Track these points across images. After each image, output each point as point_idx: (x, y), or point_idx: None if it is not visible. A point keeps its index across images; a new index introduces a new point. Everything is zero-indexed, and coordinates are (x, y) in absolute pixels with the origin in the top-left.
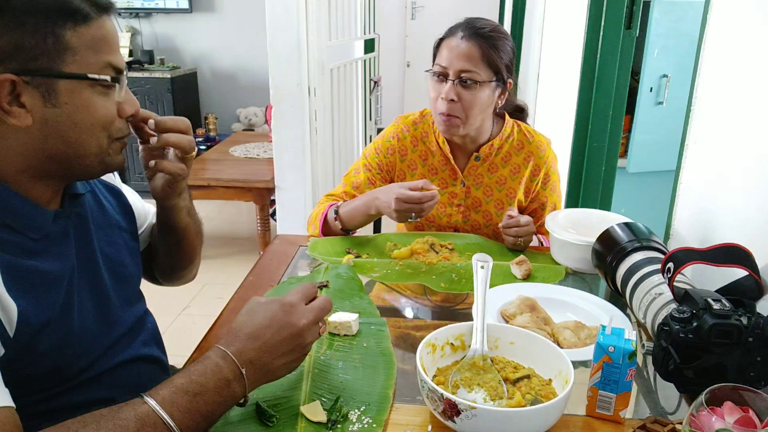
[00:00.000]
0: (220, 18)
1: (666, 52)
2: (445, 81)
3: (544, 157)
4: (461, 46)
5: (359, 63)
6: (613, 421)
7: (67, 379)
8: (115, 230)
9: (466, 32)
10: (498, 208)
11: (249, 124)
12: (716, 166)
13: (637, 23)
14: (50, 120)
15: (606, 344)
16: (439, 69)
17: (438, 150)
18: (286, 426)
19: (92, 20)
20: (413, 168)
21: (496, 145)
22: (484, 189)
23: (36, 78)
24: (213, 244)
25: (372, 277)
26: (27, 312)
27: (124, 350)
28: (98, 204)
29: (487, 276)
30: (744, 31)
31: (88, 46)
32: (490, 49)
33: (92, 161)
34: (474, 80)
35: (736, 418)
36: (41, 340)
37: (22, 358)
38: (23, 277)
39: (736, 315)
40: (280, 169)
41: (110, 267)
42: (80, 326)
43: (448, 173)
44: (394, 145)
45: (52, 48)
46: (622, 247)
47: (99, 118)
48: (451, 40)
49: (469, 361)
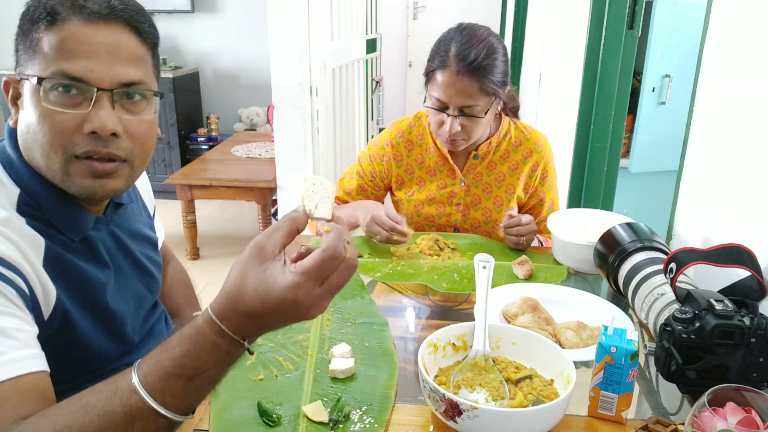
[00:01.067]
0: (221, 18)
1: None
2: (443, 112)
3: (542, 152)
4: (458, 84)
5: (361, 63)
6: (615, 421)
7: (78, 378)
8: (146, 243)
9: (461, 66)
10: (497, 204)
11: (251, 124)
12: (718, 166)
13: (639, 23)
14: (20, 123)
15: (608, 345)
16: (438, 104)
17: (435, 150)
18: (287, 426)
19: (57, 22)
20: (410, 172)
21: (494, 143)
22: (484, 186)
23: (21, 80)
24: (215, 243)
25: (374, 276)
26: (64, 302)
27: (140, 352)
28: (136, 216)
29: (489, 276)
30: (746, 31)
31: (46, 48)
32: (486, 81)
33: (58, 180)
34: (475, 114)
35: (739, 419)
36: (70, 334)
37: (48, 343)
38: (63, 268)
39: (739, 316)
40: (282, 169)
41: (142, 277)
42: (103, 332)
43: (446, 173)
44: (388, 153)
45: (28, 51)
46: (624, 248)
47: (46, 126)
48: (445, 74)
49: (471, 361)
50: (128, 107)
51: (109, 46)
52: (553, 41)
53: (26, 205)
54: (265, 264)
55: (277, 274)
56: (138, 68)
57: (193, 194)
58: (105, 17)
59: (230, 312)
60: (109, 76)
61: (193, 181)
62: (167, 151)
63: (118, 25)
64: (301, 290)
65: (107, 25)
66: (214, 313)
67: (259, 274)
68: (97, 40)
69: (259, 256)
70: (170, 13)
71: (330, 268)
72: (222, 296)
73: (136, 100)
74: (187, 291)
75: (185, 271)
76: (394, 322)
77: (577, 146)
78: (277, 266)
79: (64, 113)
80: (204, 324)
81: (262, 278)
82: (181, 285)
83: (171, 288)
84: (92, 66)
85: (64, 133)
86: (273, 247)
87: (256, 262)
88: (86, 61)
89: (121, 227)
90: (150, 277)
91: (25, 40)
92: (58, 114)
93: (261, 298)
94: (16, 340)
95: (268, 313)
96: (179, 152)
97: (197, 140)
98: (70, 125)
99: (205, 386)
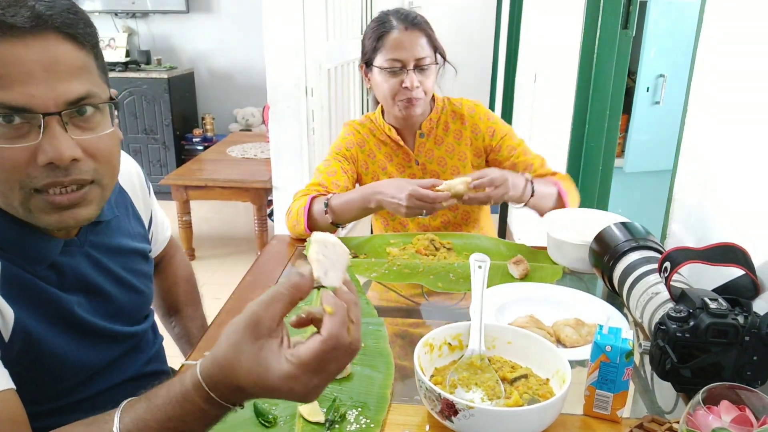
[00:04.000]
0: (216, 18)
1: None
2: (400, 72)
3: (477, 114)
4: (411, 37)
5: (356, 63)
6: (611, 420)
7: (61, 395)
8: (131, 256)
9: (407, 23)
10: (455, 173)
11: (246, 125)
12: (712, 165)
13: (633, 23)
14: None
15: (603, 343)
16: (397, 64)
17: (387, 138)
18: (284, 426)
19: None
20: (372, 156)
21: (434, 119)
22: (438, 161)
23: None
24: (210, 244)
25: (369, 276)
26: (25, 321)
27: (127, 368)
28: (122, 229)
29: (484, 276)
30: (740, 30)
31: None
32: (431, 33)
33: (22, 216)
34: (428, 64)
35: (733, 416)
36: (37, 351)
37: (14, 365)
38: (23, 288)
39: (733, 314)
40: (278, 170)
41: (122, 292)
42: (79, 345)
43: (402, 157)
44: (352, 140)
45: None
46: (619, 247)
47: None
48: (395, 33)
49: (467, 360)
50: (82, 125)
51: (44, 62)
52: (548, 41)
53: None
54: (260, 342)
55: (272, 359)
56: (82, 80)
57: (188, 195)
58: (33, 30)
59: (221, 383)
60: (53, 98)
61: (189, 182)
62: (162, 151)
63: (49, 35)
64: (297, 382)
65: (36, 38)
66: (204, 380)
67: (254, 352)
68: (30, 58)
69: (255, 331)
70: (165, 14)
71: (331, 357)
72: (213, 364)
73: (89, 115)
74: (189, 288)
75: (190, 266)
76: (390, 321)
77: (572, 146)
78: (273, 348)
79: (12, 148)
80: (192, 390)
81: (256, 359)
82: (184, 282)
83: (174, 285)
84: (31, 90)
85: (17, 168)
86: (270, 321)
87: (251, 339)
88: (23, 86)
89: (98, 247)
90: (135, 292)
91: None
92: (6, 149)
93: (254, 380)
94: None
95: (262, 392)
96: (174, 153)
97: (192, 141)
98: (22, 159)
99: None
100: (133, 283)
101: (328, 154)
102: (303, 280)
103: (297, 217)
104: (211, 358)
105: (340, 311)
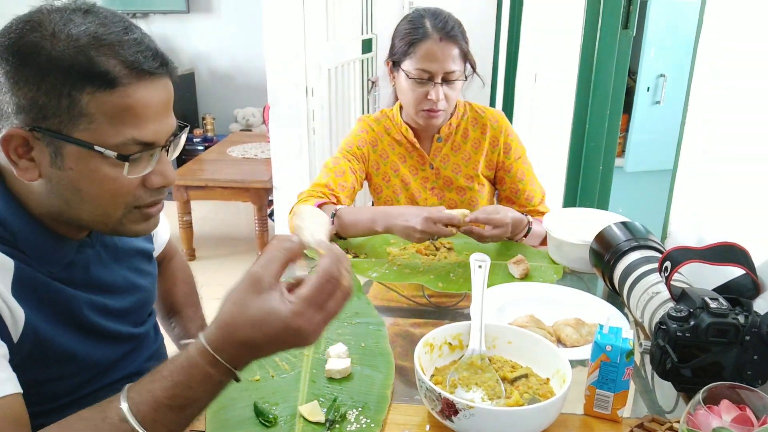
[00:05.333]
0: (217, 18)
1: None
2: (427, 83)
3: (499, 127)
4: (444, 50)
5: (357, 63)
6: (611, 420)
7: (64, 393)
8: (137, 257)
9: (442, 34)
10: (468, 182)
11: (247, 125)
12: (713, 165)
13: (634, 23)
14: (54, 180)
15: (603, 343)
16: (425, 75)
17: (402, 138)
18: (284, 426)
19: (118, 87)
20: (385, 157)
21: (454, 123)
22: (453, 168)
23: (46, 136)
24: (211, 244)
25: (370, 277)
26: (35, 322)
27: (128, 366)
28: None
29: (484, 275)
30: (740, 30)
31: (106, 114)
32: (464, 45)
33: (98, 227)
34: (458, 79)
35: (733, 416)
36: (46, 351)
37: (23, 365)
38: (34, 288)
39: (733, 314)
40: (278, 170)
41: (129, 292)
42: (86, 345)
43: (416, 159)
44: (365, 138)
45: (66, 110)
46: (620, 247)
47: (107, 189)
48: (428, 43)
49: (467, 360)
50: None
51: (164, 102)
52: (548, 41)
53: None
54: (263, 295)
55: (277, 304)
56: (173, 112)
57: (189, 195)
58: (160, 74)
59: (226, 342)
60: (167, 132)
61: (189, 182)
62: None
63: (165, 77)
64: (303, 318)
65: (159, 80)
66: (208, 343)
67: (258, 303)
68: (157, 100)
69: (257, 286)
70: (165, 14)
71: (328, 292)
72: (217, 327)
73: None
74: (189, 289)
75: (188, 268)
76: (390, 321)
77: (572, 146)
78: (276, 296)
79: (129, 177)
80: (197, 354)
81: (261, 308)
82: (183, 283)
83: (173, 286)
84: (158, 127)
85: (129, 192)
86: (270, 278)
87: (254, 293)
88: (154, 124)
89: (108, 246)
90: (141, 291)
91: (57, 97)
92: (124, 178)
93: (260, 327)
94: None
95: (268, 341)
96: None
97: (193, 141)
98: (135, 184)
99: (195, 414)
100: (139, 283)
101: (339, 150)
102: (294, 244)
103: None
104: (215, 323)
105: (332, 253)
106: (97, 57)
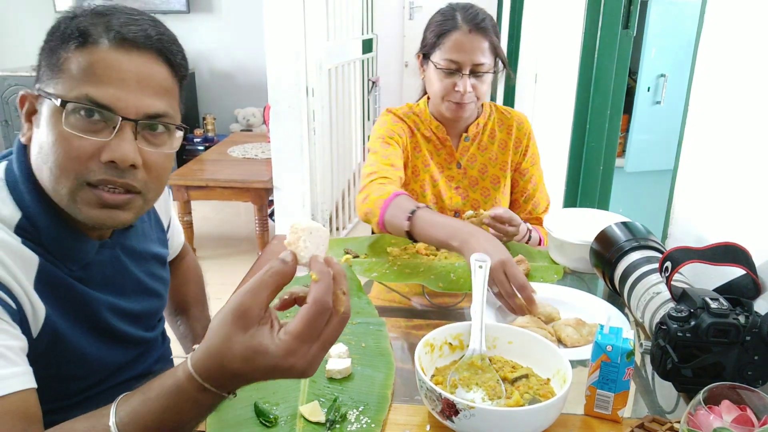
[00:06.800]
0: (217, 18)
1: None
2: (455, 74)
3: (524, 129)
4: (473, 41)
5: (357, 63)
6: (612, 420)
7: (75, 393)
8: (153, 261)
9: (471, 25)
10: (494, 183)
11: (247, 125)
12: (713, 165)
13: (634, 23)
14: (33, 142)
15: (604, 343)
16: (453, 65)
17: (432, 135)
18: (284, 426)
19: (90, 45)
20: (418, 150)
21: (481, 123)
22: (480, 168)
23: (40, 97)
24: (211, 244)
25: (370, 277)
26: (54, 319)
27: (136, 368)
28: (145, 235)
29: (485, 276)
30: (740, 30)
31: (72, 69)
32: (494, 38)
33: (64, 204)
34: (485, 71)
35: (734, 416)
36: (62, 349)
37: (36, 361)
38: (55, 285)
39: (734, 314)
40: (278, 170)
41: (143, 296)
42: (101, 347)
43: (444, 156)
44: (402, 127)
45: (54, 67)
46: (620, 247)
47: (63, 149)
48: (458, 34)
49: (468, 360)
50: (150, 139)
51: (139, 75)
52: (549, 41)
53: (24, 229)
54: (250, 331)
55: (266, 342)
56: (164, 100)
57: (189, 195)
58: (139, 45)
59: (215, 373)
60: (135, 106)
61: (190, 182)
62: None
63: (151, 54)
64: (295, 356)
65: (140, 53)
66: (196, 371)
67: (246, 341)
68: (128, 68)
69: (244, 321)
70: (166, 14)
71: (321, 322)
72: (205, 355)
73: (159, 132)
74: (197, 289)
75: (199, 268)
76: (391, 322)
77: (572, 146)
78: (265, 332)
79: (82, 138)
80: (185, 381)
81: (251, 348)
82: (193, 283)
83: (183, 285)
84: (120, 94)
85: (80, 158)
86: (258, 309)
87: (242, 329)
88: (114, 89)
89: (126, 249)
90: (155, 296)
91: (50, 57)
92: (77, 138)
93: (252, 365)
94: (2, 359)
95: (260, 375)
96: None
97: (193, 141)
98: (87, 151)
99: (188, 431)
100: (153, 288)
101: (372, 142)
102: (286, 266)
103: (373, 208)
104: (203, 350)
105: (325, 278)
106: (92, 22)
